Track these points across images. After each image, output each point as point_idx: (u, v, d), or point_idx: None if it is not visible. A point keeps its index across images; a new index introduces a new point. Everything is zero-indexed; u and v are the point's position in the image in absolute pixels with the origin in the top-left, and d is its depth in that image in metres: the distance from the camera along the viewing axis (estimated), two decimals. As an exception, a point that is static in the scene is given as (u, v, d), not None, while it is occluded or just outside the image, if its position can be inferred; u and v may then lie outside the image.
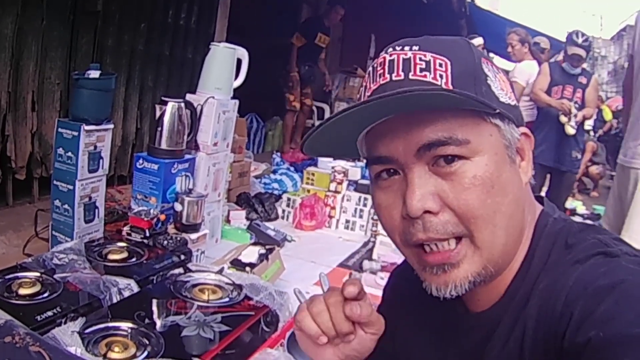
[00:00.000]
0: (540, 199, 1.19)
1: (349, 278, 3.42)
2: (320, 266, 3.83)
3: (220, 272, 2.68)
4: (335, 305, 1.17)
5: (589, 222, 3.43)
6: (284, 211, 5.10)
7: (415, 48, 1.03)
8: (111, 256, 2.73)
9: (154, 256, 2.81)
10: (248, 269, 3.05)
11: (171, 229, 3.38)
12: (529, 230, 1.10)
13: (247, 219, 4.64)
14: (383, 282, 3.34)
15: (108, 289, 2.33)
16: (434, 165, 1.00)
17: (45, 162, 4.38)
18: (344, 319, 1.15)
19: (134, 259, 2.76)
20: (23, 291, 2.16)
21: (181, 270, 2.71)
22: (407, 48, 1.03)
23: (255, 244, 3.51)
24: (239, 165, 5.24)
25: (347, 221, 4.95)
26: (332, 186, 5.05)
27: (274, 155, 7.05)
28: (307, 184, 5.27)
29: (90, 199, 3.21)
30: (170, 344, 1.94)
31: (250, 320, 2.26)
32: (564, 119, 6.30)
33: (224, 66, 3.83)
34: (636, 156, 3.30)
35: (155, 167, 3.39)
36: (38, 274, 2.31)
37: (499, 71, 1.10)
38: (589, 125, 8.59)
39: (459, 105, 0.96)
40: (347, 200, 4.97)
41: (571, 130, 6.31)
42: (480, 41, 7.46)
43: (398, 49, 1.04)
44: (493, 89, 1.04)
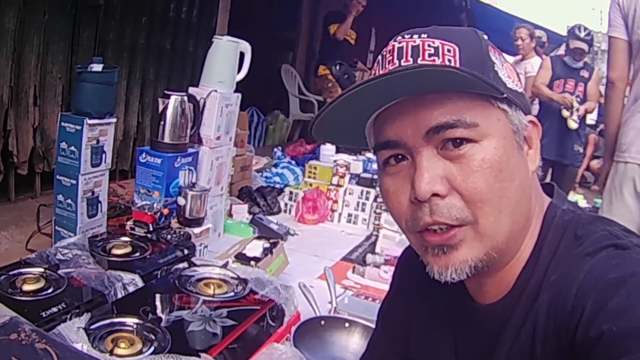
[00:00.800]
0: (550, 187, 1.19)
1: (353, 272, 3.44)
2: (323, 260, 3.82)
3: (225, 266, 2.68)
4: None
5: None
6: (286, 205, 5.09)
7: (424, 36, 1.03)
8: (115, 251, 2.72)
9: (157, 251, 2.80)
10: (253, 263, 3.04)
11: (174, 223, 3.37)
12: (537, 221, 1.10)
13: (250, 212, 4.63)
14: (387, 276, 3.35)
15: (112, 284, 2.31)
16: (442, 148, 1.00)
17: (47, 156, 4.37)
18: None
19: (137, 254, 2.74)
20: (27, 287, 2.14)
21: (185, 264, 2.70)
22: (415, 36, 1.04)
23: (259, 237, 3.50)
24: (241, 159, 5.23)
25: (350, 215, 4.94)
26: (335, 180, 5.03)
27: (275, 149, 7.02)
28: (310, 177, 5.26)
29: (93, 193, 3.20)
30: (176, 339, 1.93)
31: (256, 314, 2.25)
32: (566, 113, 6.32)
33: (226, 60, 3.82)
34: None
35: (159, 161, 3.38)
36: (42, 269, 2.29)
37: (505, 60, 1.11)
38: (591, 119, 8.58)
39: (467, 88, 0.97)
40: (350, 193, 4.96)
41: (574, 125, 6.33)
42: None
43: (407, 37, 1.05)
44: (500, 75, 1.04)
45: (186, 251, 2.88)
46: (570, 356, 0.91)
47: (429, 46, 1.01)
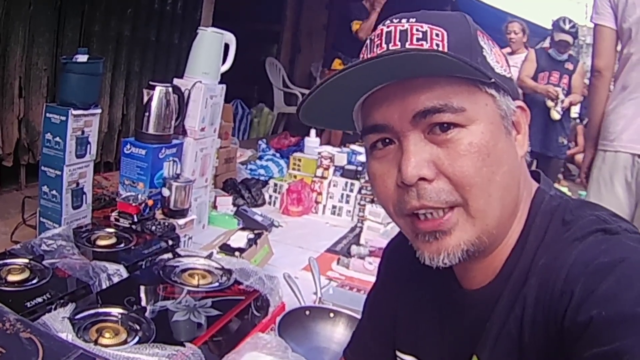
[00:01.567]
0: (536, 174, 1.20)
1: (338, 263, 3.45)
2: (308, 251, 3.83)
3: (210, 257, 2.68)
4: None
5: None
6: (270, 197, 5.09)
7: (412, 20, 1.04)
8: (100, 242, 2.72)
9: (142, 241, 2.80)
10: (237, 253, 3.05)
11: (159, 214, 3.37)
12: (524, 207, 1.11)
13: (234, 204, 4.63)
14: (371, 267, 3.37)
15: (97, 274, 2.31)
16: (429, 133, 1.01)
17: (33, 148, 4.37)
18: None
19: (122, 245, 2.74)
20: (12, 278, 2.14)
21: (170, 255, 2.71)
22: (404, 20, 1.05)
23: (243, 229, 3.51)
24: (225, 151, 5.23)
25: (334, 207, 4.94)
26: (319, 172, 5.03)
27: (259, 142, 7.02)
28: (294, 169, 5.25)
29: (78, 184, 3.21)
30: (161, 329, 1.93)
31: (240, 304, 2.26)
32: (550, 103, 6.35)
33: (211, 51, 3.81)
34: None
35: (143, 152, 3.37)
36: (27, 260, 2.29)
37: (494, 45, 1.12)
38: (575, 112, 8.61)
39: (454, 72, 0.98)
40: (334, 185, 4.96)
41: (556, 115, 6.36)
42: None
43: (395, 21, 1.06)
44: (489, 60, 1.05)
45: (171, 242, 2.88)
46: (558, 341, 0.92)
47: (417, 30, 1.02)
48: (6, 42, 4.06)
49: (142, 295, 2.23)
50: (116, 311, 2.01)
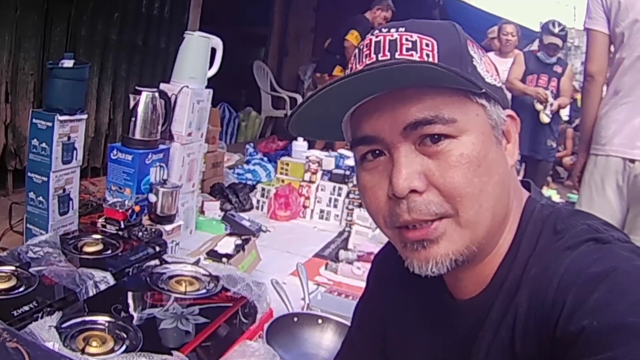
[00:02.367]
0: (526, 184, 1.19)
1: (326, 268, 3.45)
2: (296, 256, 3.83)
3: (197, 263, 2.68)
4: None
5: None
6: (258, 201, 5.08)
7: (402, 30, 1.03)
8: (86, 248, 2.71)
9: (129, 248, 2.80)
10: (224, 259, 3.04)
11: (146, 220, 3.36)
12: (515, 216, 1.10)
13: (222, 209, 4.62)
14: (360, 272, 3.37)
15: (84, 282, 2.31)
16: (420, 144, 1.00)
17: (19, 154, 4.35)
18: None
19: (109, 251, 2.74)
20: (-2, 285, 2.14)
21: (157, 262, 2.70)
22: (393, 30, 1.04)
23: (231, 234, 3.50)
24: (212, 156, 5.22)
25: (322, 211, 4.94)
26: (307, 176, 5.03)
27: (247, 146, 7.00)
28: (282, 174, 5.25)
29: (65, 190, 3.19)
30: (148, 337, 1.93)
31: (228, 312, 2.26)
32: (539, 106, 6.34)
33: (198, 55, 3.81)
34: None
35: (130, 157, 3.36)
36: (13, 267, 2.28)
37: (484, 54, 1.11)
38: (566, 115, 8.62)
39: (445, 83, 0.97)
40: (322, 190, 4.96)
41: (546, 119, 6.36)
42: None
43: (384, 31, 1.05)
44: (479, 70, 1.04)
45: (158, 248, 2.88)
46: (550, 351, 0.91)
47: (406, 40, 1.01)
48: (-8, 47, 4.05)
49: (130, 302, 2.22)
50: (103, 319, 2.00)
